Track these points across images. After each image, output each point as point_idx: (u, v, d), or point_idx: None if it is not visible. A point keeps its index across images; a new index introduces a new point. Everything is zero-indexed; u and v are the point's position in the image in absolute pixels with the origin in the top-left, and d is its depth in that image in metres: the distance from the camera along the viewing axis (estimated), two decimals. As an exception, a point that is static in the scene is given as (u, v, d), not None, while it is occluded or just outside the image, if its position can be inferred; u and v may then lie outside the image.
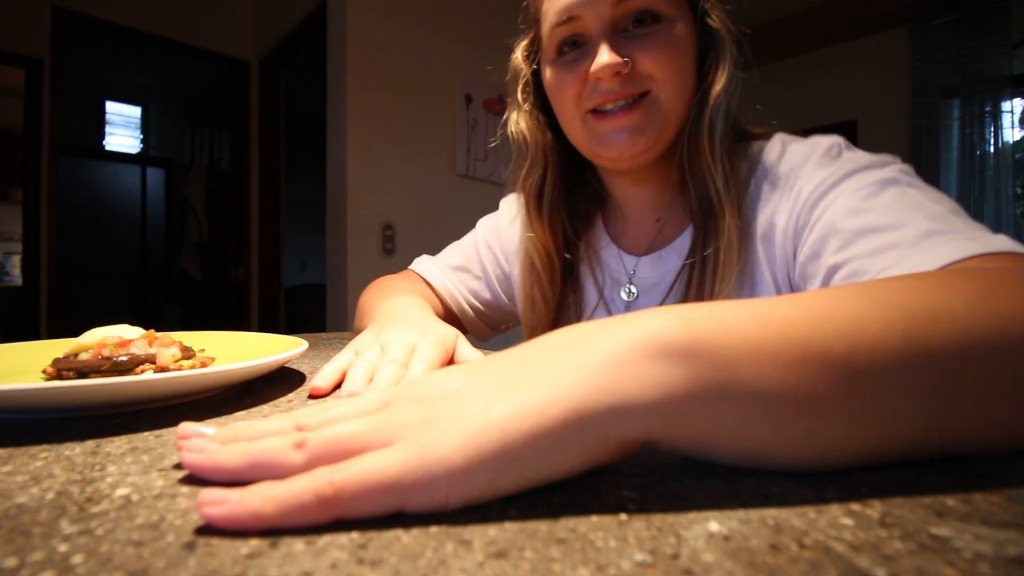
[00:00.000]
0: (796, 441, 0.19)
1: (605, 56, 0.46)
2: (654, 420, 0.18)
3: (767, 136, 0.53)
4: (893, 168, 0.42)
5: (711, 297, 0.48)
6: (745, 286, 0.49)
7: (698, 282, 0.49)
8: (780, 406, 0.18)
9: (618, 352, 0.19)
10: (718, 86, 0.48)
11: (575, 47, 0.50)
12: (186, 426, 0.22)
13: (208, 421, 0.30)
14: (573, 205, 0.60)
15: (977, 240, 0.32)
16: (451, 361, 0.42)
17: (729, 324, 0.19)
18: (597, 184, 0.61)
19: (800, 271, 0.44)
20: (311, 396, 0.37)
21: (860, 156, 0.45)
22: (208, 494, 0.16)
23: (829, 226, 0.41)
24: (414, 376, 0.35)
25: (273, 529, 0.16)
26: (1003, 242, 0.31)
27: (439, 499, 0.17)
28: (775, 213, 0.47)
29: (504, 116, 0.60)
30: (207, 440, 0.20)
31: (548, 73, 0.52)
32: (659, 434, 0.18)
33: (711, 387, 0.18)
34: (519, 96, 0.57)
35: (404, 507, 0.17)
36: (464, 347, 0.43)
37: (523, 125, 0.57)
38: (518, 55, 0.58)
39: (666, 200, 0.56)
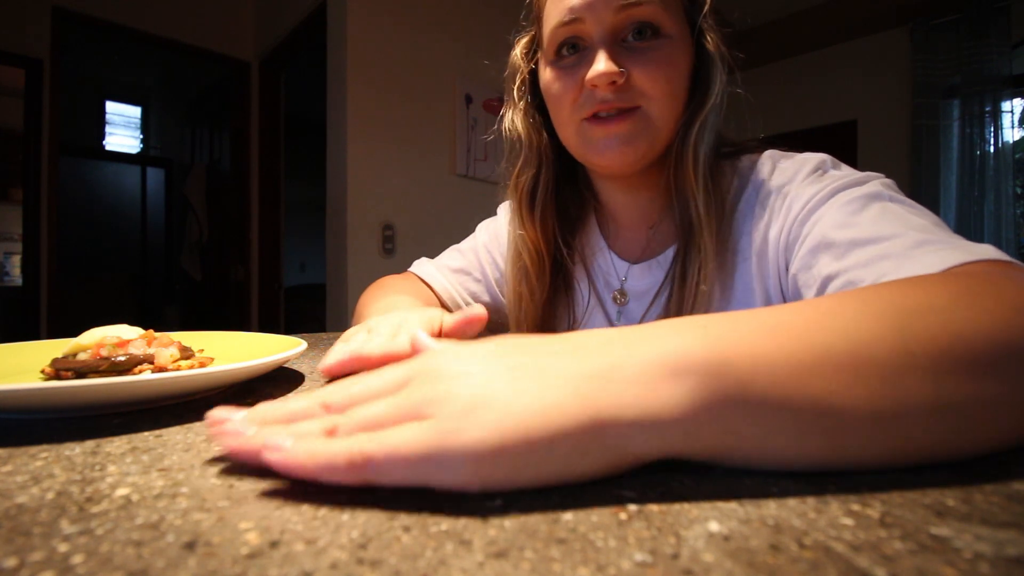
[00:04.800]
0: (816, 443, 0.19)
1: (602, 64, 0.46)
2: (675, 436, 0.19)
3: (756, 150, 0.53)
4: (876, 183, 0.43)
5: (690, 309, 0.49)
6: (734, 300, 0.50)
7: (678, 296, 0.50)
8: (797, 413, 0.19)
9: (640, 368, 0.19)
10: (705, 108, 0.48)
11: (574, 50, 0.50)
12: (216, 412, 0.22)
13: (208, 421, 0.30)
14: (564, 206, 0.60)
15: (964, 249, 0.33)
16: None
17: (745, 338, 0.20)
18: (587, 190, 0.62)
19: (792, 283, 0.45)
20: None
21: (846, 173, 0.46)
22: (272, 438, 0.20)
23: (819, 239, 0.42)
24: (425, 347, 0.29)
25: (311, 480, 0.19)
26: (989, 251, 0.32)
27: (461, 481, 0.18)
28: (768, 228, 0.48)
29: (500, 113, 0.60)
30: (240, 423, 0.22)
31: (546, 74, 0.53)
32: (678, 449, 0.19)
33: (731, 402, 0.19)
34: (515, 94, 0.58)
35: (428, 483, 0.19)
36: (451, 322, 0.44)
37: (518, 124, 0.57)
38: (517, 52, 0.58)
39: (656, 210, 0.56)
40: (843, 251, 0.39)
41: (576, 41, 0.49)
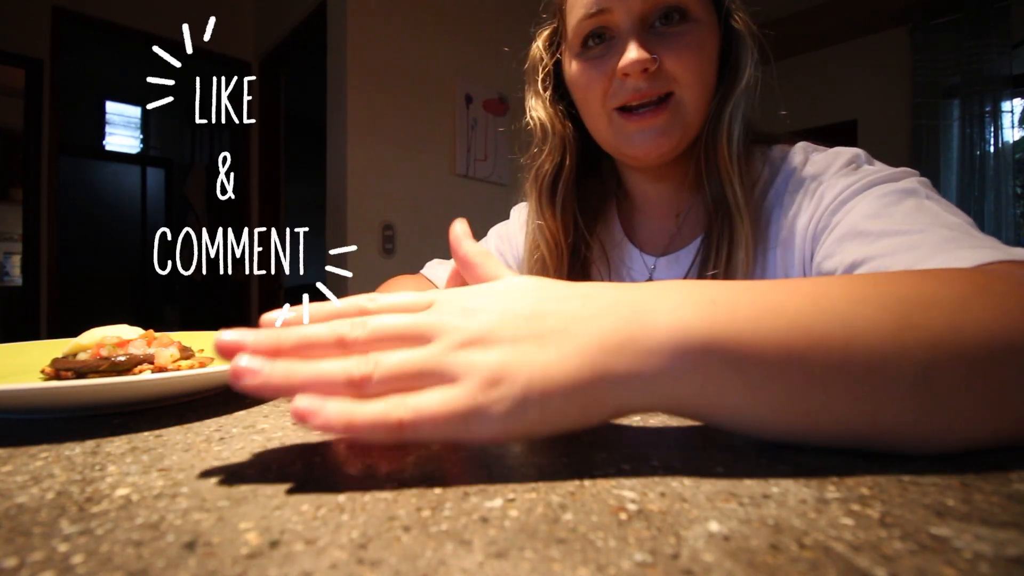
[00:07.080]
0: (799, 421, 0.21)
1: (634, 52, 0.46)
2: (666, 399, 0.21)
3: (787, 141, 0.53)
4: (912, 180, 0.42)
5: None
6: None
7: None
8: (783, 393, 0.20)
9: (648, 344, 0.21)
10: (738, 89, 0.48)
11: (600, 40, 0.50)
12: (226, 335, 0.22)
13: (208, 421, 0.30)
14: (585, 197, 0.60)
15: (998, 249, 0.32)
16: None
17: (749, 318, 0.21)
18: (612, 179, 0.61)
19: (816, 271, 0.45)
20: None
21: (881, 168, 0.45)
22: (304, 403, 0.20)
23: (849, 227, 0.41)
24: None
25: (352, 438, 0.21)
26: (1023, 253, 0.32)
27: (488, 438, 0.21)
28: (796, 218, 0.47)
29: (528, 100, 0.59)
30: (255, 359, 0.21)
31: (573, 67, 0.52)
32: (666, 407, 0.22)
33: (722, 379, 0.21)
34: (539, 86, 0.57)
35: (458, 440, 0.21)
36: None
37: (542, 114, 0.57)
38: (539, 44, 0.57)
39: (684, 198, 0.56)
40: (872, 239, 0.39)
41: (603, 31, 0.49)
